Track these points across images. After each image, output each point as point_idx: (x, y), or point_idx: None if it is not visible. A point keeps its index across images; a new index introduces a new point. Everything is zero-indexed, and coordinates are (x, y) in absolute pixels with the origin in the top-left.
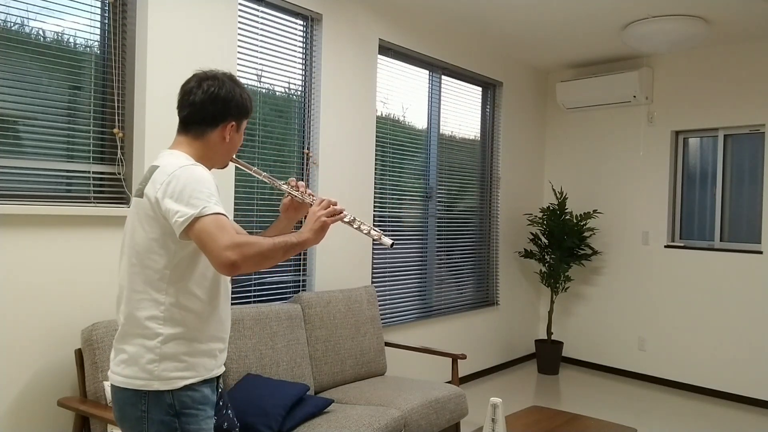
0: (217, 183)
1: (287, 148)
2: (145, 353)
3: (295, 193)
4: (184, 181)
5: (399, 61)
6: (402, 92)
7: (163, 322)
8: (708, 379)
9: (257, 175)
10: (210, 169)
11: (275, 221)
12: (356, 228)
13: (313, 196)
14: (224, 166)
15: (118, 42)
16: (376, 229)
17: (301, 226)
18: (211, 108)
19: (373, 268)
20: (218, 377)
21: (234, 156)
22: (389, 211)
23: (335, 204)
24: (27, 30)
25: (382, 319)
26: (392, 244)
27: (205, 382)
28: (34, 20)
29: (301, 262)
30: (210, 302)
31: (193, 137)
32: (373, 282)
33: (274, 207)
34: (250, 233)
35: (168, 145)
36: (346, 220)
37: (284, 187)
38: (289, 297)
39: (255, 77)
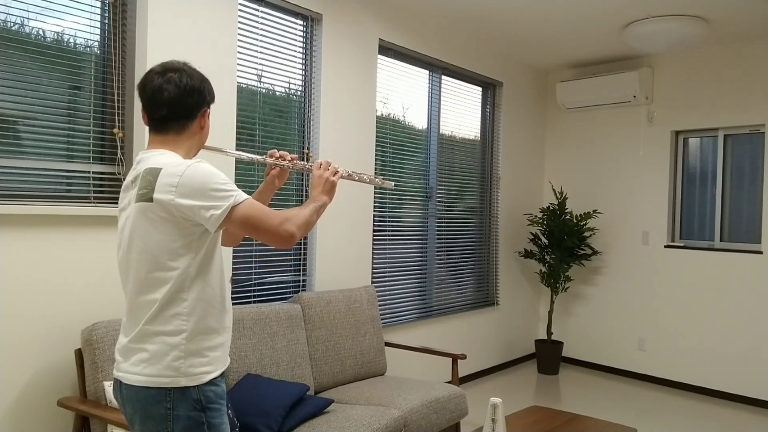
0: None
1: (287, 148)
2: (169, 351)
3: (284, 163)
4: (200, 179)
5: (399, 61)
6: (402, 92)
7: (187, 318)
8: (708, 379)
9: (235, 155)
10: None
11: (258, 190)
12: (357, 180)
13: (299, 160)
14: (195, 154)
15: (118, 42)
16: (374, 176)
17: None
18: (190, 100)
19: (373, 268)
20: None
21: None
22: (389, 211)
23: (330, 163)
24: (27, 30)
25: (382, 319)
26: (394, 184)
27: (222, 375)
28: (34, 20)
29: (301, 262)
30: (221, 293)
31: (175, 134)
32: (373, 282)
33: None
34: None
35: None
36: (345, 175)
37: (269, 160)
38: (289, 297)
39: (255, 77)
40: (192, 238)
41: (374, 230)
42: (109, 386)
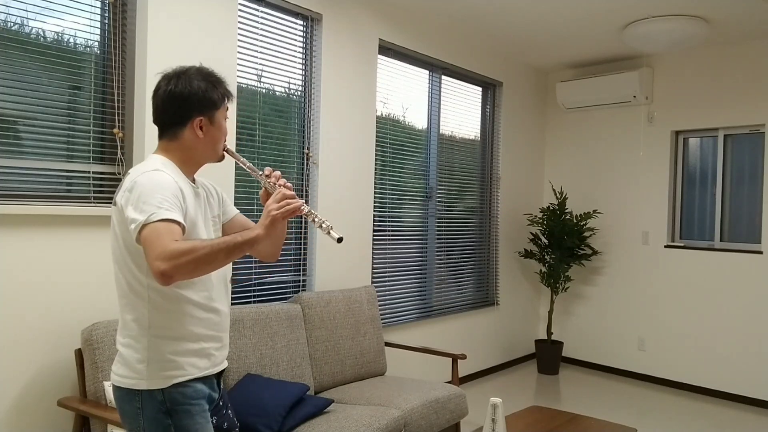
0: (212, 182)
1: (287, 148)
2: (133, 353)
3: (264, 181)
4: (141, 187)
5: (399, 61)
6: (402, 92)
7: (148, 323)
8: (708, 379)
9: (243, 166)
10: (202, 165)
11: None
12: (311, 221)
13: (286, 187)
14: (219, 159)
15: (118, 42)
16: (326, 222)
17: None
18: (172, 108)
19: (373, 268)
20: (219, 374)
21: (226, 147)
22: (389, 211)
23: (292, 197)
24: (27, 30)
25: (382, 319)
26: (340, 239)
27: (200, 379)
28: (34, 20)
29: (301, 262)
30: (200, 302)
31: (168, 139)
32: (373, 282)
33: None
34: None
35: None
36: (305, 211)
37: (260, 178)
38: (289, 297)
39: (255, 77)
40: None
41: (374, 230)
42: (108, 386)
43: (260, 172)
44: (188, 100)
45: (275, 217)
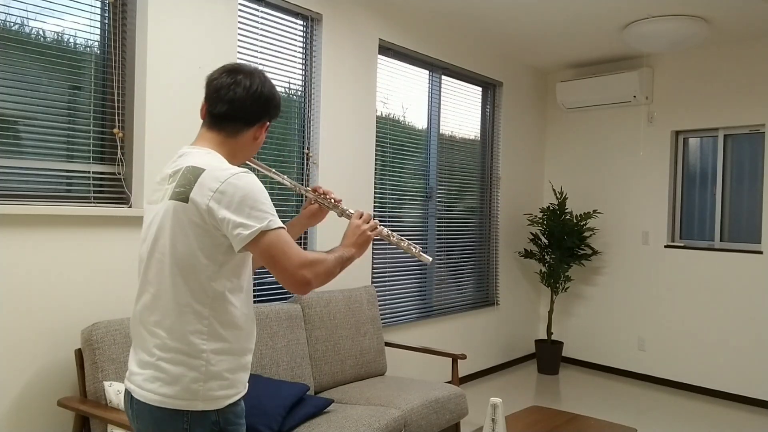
0: None
1: (287, 148)
2: (188, 372)
3: (326, 202)
4: (243, 191)
5: (399, 61)
6: (402, 92)
7: (207, 337)
8: (708, 379)
9: (277, 178)
10: None
11: (290, 222)
12: (395, 243)
13: (340, 204)
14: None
15: (118, 42)
16: (414, 245)
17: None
18: (253, 106)
19: (373, 268)
20: None
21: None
22: (389, 211)
23: (369, 217)
24: (27, 30)
25: (382, 319)
26: (431, 262)
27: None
28: (34, 20)
29: None
30: (246, 314)
31: (226, 135)
32: (373, 282)
33: (287, 207)
34: None
35: (169, 145)
36: (385, 233)
37: (311, 194)
38: (289, 297)
39: None
40: (219, 250)
41: None
42: (109, 386)
43: (306, 189)
44: (269, 103)
45: (370, 237)
